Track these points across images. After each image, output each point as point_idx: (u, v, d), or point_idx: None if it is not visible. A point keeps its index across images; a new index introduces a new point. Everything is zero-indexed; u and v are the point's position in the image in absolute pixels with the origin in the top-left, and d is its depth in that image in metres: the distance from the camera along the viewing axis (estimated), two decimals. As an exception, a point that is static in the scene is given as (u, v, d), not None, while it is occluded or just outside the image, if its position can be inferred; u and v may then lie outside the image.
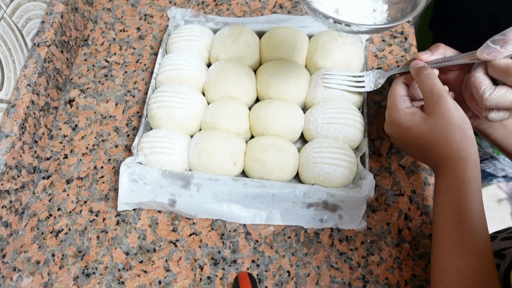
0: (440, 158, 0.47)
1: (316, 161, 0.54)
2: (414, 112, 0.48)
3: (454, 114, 0.45)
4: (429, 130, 0.46)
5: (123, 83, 0.69)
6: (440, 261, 0.44)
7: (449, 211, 0.45)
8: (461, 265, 0.42)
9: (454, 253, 0.43)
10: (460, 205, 0.44)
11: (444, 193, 0.46)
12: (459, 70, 0.52)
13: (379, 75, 0.58)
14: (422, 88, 0.48)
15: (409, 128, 0.48)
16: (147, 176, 0.55)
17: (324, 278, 0.52)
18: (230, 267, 0.53)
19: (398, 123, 0.49)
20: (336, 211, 0.54)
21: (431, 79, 0.47)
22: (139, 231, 0.56)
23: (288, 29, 0.65)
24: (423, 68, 0.49)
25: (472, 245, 0.42)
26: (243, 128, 0.59)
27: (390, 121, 0.51)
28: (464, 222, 0.43)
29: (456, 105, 0.46)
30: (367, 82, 0.58)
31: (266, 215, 0.55)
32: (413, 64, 0.50)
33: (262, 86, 0.62)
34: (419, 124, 0.47)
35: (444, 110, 0.45)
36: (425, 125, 0.47)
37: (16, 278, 0.54)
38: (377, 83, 0.57)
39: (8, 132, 0.56)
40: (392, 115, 0.50)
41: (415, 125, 0.48)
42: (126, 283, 0.53)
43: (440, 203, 0.46)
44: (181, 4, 0.76)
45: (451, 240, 0.44)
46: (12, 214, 0.55)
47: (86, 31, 0.75)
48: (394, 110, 0.50)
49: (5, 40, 0.58)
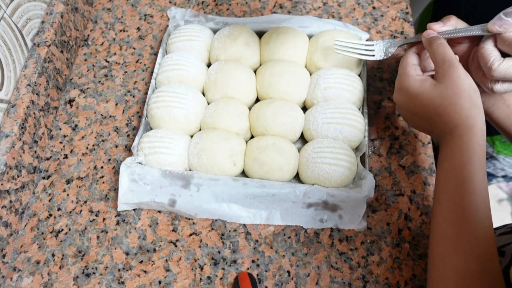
0: (447, 126, 0.47)
1: (316, 161, 0.54)
2: (425, 79, 0.49)
3: (464, 82, 0.46)
4: (438, 97, 0.47)
5: (123, 83, 0.69)
6: (440, 225, 0.45)
7: (452, 177, 0.45)
8: (461, 228, 0.42)
9: (455, 217, 0.43)
10: (464, 171, 0.44)
11: (448, 160, 0.46)
12: (468, 43, 0.53)
13: (389, 44, 0.58)
14: (434, 57, 0.48)
15: (418, 94, 0.48)
16: (147, 176, 0.55)
17: (324, 278, 0.52)
18: (230, 267, 0.53)
19: (407, 89, 0.50)
20: (336, 211, 0.54)
21: (443, 48, 0.48)
22: (139, 231, 0.56)
23: (288, 29, 0.65)
24: (436, 38, 0.49)
25: (474, 211, 0.42)
26: (243, 128, 0.59)
27: (400, 88, 0.51)
28: (466, 188, 0.43)
29: (466, 73, 0.47)
30: (377, 51, 0.58)
31: (266, 215, 0.55)
32: (425, 34, 0.51)
33: (262, 86, 0.62)
34: (429, 90, 0.48)
35: (455, 77, 0.46)
36: (434, 92, 0.47)
37: (16, 278, 0.54)
38: (387, 52, 0.58)
39: (8, 132, 0.56)
40: (402, 82, 0.50)
41: (424, 91, 0.48)
42: (126, 283, 0.53)
43: (444, 170, 0.46)
44: (181, 4, 0.76)
45: (452, 205, 0.44)
46: (12, 214, 0.55)
47: (86, 31, 0.75)
48: (405, 77, 0.50)
49: (5, 40, 0.58)
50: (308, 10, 0.74)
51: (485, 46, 0.48)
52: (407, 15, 0.72)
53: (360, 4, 0.74)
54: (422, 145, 0.61)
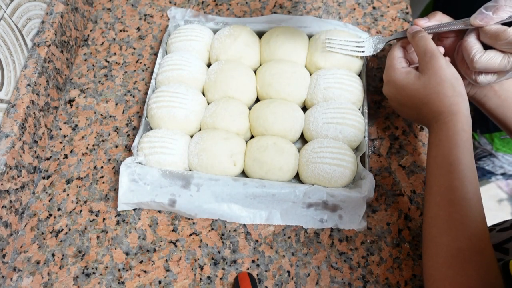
0: (433, 114, 0.49)
1: (316, 161, 0.54)
2: (409, 71, 0.51)
3: (446, 71, 0.48)
4: (423, 87, 0.49)
5: (123, 83, 0.69)
6: (432, 208, 0.46)
7: (440, 162, 0.47)
8: (451, 209, 0.44)
9: (445, 200, 0.45)
10: (450, 155, 0.46)
11: (436, 146, 0.48)
12: (453, 37, 0.55)
13: (378, 40, 0.60)
14: (417, 49, 0.51)
15: (404, 86, 0.51)
16: (147, 176, 0.55)
17: (324, 278, 0.52)
18: (230, 267, 0.53)
19: (394, 82, 0.52)
20: (336, 211, 0.54)
21: (424, 40, 0.50)
22: (139, 231, 0.56)
23: (288, 29, 0.65)
24: (418, 32, 0.52)
25: (462, 193, 0.44)
26: (243, 128, 0.59)
27: (387, 81, 0.53)
28: (454, 171, 0.45)
29: (448, 63, 0.49)
30: (367, 47, 0.61)
31: (266, 215, 0.55)
32: (409, 29, 0.53)
33: (262, 86, 0.62)
34: (414, 82, 0.50)
35: (436, 67, 0.48)
36: (418, 83, 0.50)
37: (16, 278, 0.54)
38: (376, 48, 0.60)
39: (8, 132, 0.56)
40: (389, 75, 0.53)
41: (409, 83, 0.50)
42: (126, 283, 0.53)
43: (432, 156, 0.48)
44: (181, 4, 0.76)
45: (442, 188, 0.46)
46: (12, 214, 0.55)
47: (86, 31, 0.75)
48: (391, 70, 0.53)
49: (5, 40, 0.58)
50: (308, 10, 0.74)
51: (468, 39, 0.50)
52: (407, 15, 0.72)
53: (360, 4, 0.74)
54: (422, 145, 0.61)
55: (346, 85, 0.59)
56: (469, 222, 0.43)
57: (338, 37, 0.62)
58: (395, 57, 0.54)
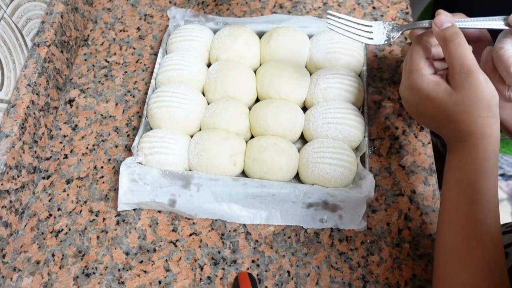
0: (459, 133, 0.43)
1: (316, 161, 0.54)
2: (439, 83, 0.44)
3: (484, 90, 0.41)
4: (453, 105, 0.43)
5: (123, 83, 0.69)
6: (448, 239, 0.42)
7: (465, 189, 0.42)
8: (471, 244, 0.40)
9: (466, 232, 0.41)
10: (477, 183, 0.41)
11: (461, 170, 0.43)
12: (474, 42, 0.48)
13: (391, 27, 0.50)
14: (450, 58, 0.43)
15: (431, 98, 0.44)
16: (147, 176, 0.55)
17: (324, 278, 0.52)
18: (230, 267, 0.53)
19: (419, 90, 0.45)
20: (336, 211, 0.54)
21: (462, 50, 0.42)
22: (139, 231, 0.56)
23: (288, 29, 0.65)
24: (454, 35, 0.43)
25: (486, 226, 0.40)
26: (243, 128, 0.59)
27: (411, 87, 0.46)
28: (479, 202, 0.41)
29: (487, 79, 0.42)
30: (376, 34, 0.50)
31: (266, 215, 0.55)
32: (437, 22, 0.44)
33: (262, 86, 0.62)
34: (443, 97, 0.43)
35: (474, 86, 0.42)
36: (449, 99, 0.43)
37: (16, 278, 0.54)
38: (390, 36, 0.50)
39: (8, 132, 0.56)
40: (414, 81, 0.46)
41: (438, 97, 0.44)
42: (126, 283, 0.53)
43: (455, 180, 0.43)
44: (181, 4, 0.76)
45: (463, 218, 0.41)
46: (12, 214, 0.55)
47: (86, 31, 0.75)
48: (417, 75, 0.45)
49: (5, 40, 0.58)
50: (308, 10, 0.74)
51: (505, 47, 0.43)
52: (407, 15, 0.72)
53: (360, 4, 0.74)
54: (422, 145, 0.61)
55: (346, 85, 0.59)
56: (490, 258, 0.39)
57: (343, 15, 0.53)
58: (421, 59, 0.45)
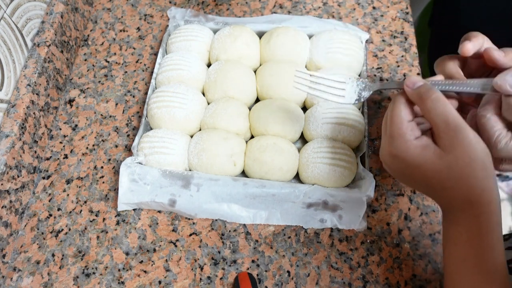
0: (457, 201, 0.39)
1: (316, 161, 0.54)
2: (427, 146, 0.39)
3: (476, 148, 0.37)
4: (446, 169, 0.38)
5: (123, 83, 0.69)
6: None
7: (471, 266, 0.38)
8: None
9: None
10: (485, 262, 0.38)
11: (464, 246, 0.39)
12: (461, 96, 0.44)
13: (364, 85, 0.47)
14: (431, 117, 0.39)
15: (420, 165, 0.39)
16: (147, 176, 0.55)
17: (324, 278, 0.52)
18: (230, 267, 0.53)
19: (405, 158, 0.40)
20: (336, 211, 0.54)
21: (443, 106, 0.38)
22: (139, 231, 0.56)
23: (288, 29, 0.65)
24: (428, 91, 0.39)
25: None
26: (243, 128, 0.59)
27: (395, 155, 0.40)
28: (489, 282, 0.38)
29: (477, 136, 0.38)
30: (349, 92, 0.47)
31: (266, 215, 0.55)
32: (409, 83, 0.40)
33: (262, 86, 0.62)
34: (433, 161, 0.38)
35: (465, 144, 0.37)
36: (440, 163, 0.38)
37: (16, 278, 0.54)
38: (361, 96, 0.47)
39: (8, 132, 0.56)
40: (398, 148, 0.40)
41: (427, 162, 0.39)
42: (126, 283, 0.53)
43: (460, 258, 0.39)
44: (181, 4, 0.76)
45: None
46: (12, 214, 0.55)
47: (86, 31, 0.75)
48: (401, 141, 0.40)
49: (5, 40, 0.58)
50: (308, 10, 0.74)
51: (487, 115, 0.39)
52: (407, 15, 0.72)
53: (360, 4, 0.74)
54: (422, 145, 0.61)
55: (346, 85, 0.59)
56: None
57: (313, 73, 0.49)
58: (403, 121, 0.40)
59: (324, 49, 0.62)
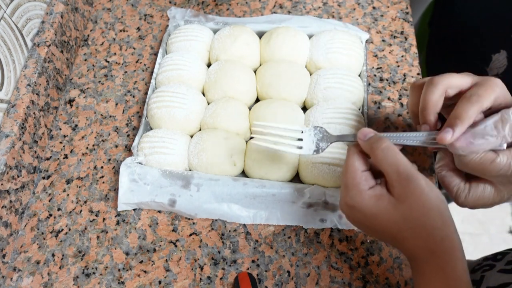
0: (419, 251, 0.38)
1: (316, 161, 0.54)
2: (380, 196, 0.39)
3: (430, 197, 0.37)
4: (402, 219, 0.38)
5: (123, 83, 0.69)
6: None
7: None
8: None
9: None
10: None
11: None
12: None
13: (322, 136, 0.47)
14: (383, 166, 0.39)
15: (376, 215, 0.39)
16: (147, 176, 0.55)
17: (324, 278, 0.52)
18: (230, 267, 0.53)
19: (360, 208, 0.40)
20: (336, 211, 0.54)
21: (393, 155, 0.38)
22: (139, 231, 0.56)
23: (288, 29, 0.65)
24: (378, 141, 0.40)
25: None
26: (243, 128, 0.59)
27: (351, 206, 0.41)
28: None
29: (430, 183, 0.38)
30: (306, 142, 0.47)
31: (266, 215, 0.55)
32: (361, 135, 0.42)
33: (262, 86, 0.62)
34: (388, 211, 0.38)
35: (418, 193, 0.37)
36: (396, 213, 0.38)
37: (16, 278, 0.54)
38: (319, 147, 0.47)
39: (8, 132, 0.56)
40: (353, 198, 0.40)
41: (383, 212, 0.39)
42: (126, 283, 0.53)
43: None
44: (181, 4, 0.76)
45: None
46: (12, 214, 0.55)
47: (86, 31, 0.75)
48: (356, 192, 0.40)
49: (5, 40, 0.58)
50: (308, 10, 0.74)
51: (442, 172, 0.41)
52: (407, 15, 0.72)
53: (360, 4, 0.74)
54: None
55: (346, 85, 0.59)
56: None
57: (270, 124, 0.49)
58: (357, 172, 0.40)
59: (324, 49, 0.63)
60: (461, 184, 0.40)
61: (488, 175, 0.38)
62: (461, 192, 0.40)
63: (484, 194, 0.39)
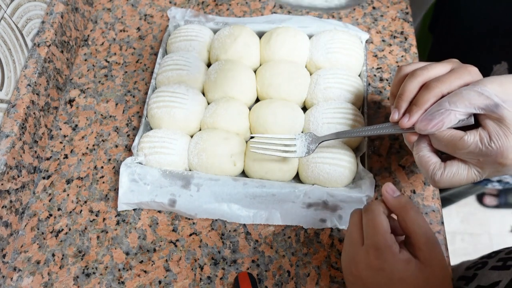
0: None
1: (316, 161, 0.54)
2: (409, 260, 0.39)
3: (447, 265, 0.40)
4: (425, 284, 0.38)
5: (123, 83, 0.69)
6: None
7: None
8: None
9: None
10: None
11: None
12: None
13: (311, 139, 0.53)
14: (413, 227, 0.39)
15: (403, 280, 0.38)
16: (147, 176, 0.55)
17: (324, 278, 0.52)
18: (230, 267, 0.53)
19: (391, 272, 0.39)
20: (336, 211, 0.54)
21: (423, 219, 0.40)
22: (139, 231, 0.56)
23: (288, 29, 0.65)
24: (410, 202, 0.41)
25: None
26: (243, 128, 0.59)
27: (380, 268, 0.39)
28: None
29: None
30: (299, 147, 0.53)
31: (266, 215, 0.55)
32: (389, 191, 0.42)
33: (262, 86, 0.62)
34: (416, 277, 0.38)
35: (440, 257, 0.39)
36: (421, 276, 0.38)
37: (16, 278, 0.54)
38: (309, 149, 0.52)
39: (8, 132, 0.56)
40: (387, 261, 0.39)
41: (409, 277, 0.38)
42: (126, 283, 0.53)
43: None
44: (181, 4, 0.76)
45: None
46: (12, 214, 0.55)
47: (86, 31, 0.75)
48: (390, 254, 0.39)
49: (5, 40, 0.58)
50: (308, 10, 0.74)
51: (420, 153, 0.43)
52: (407, 15, 0.73)
53: (360, 4, 0.74)
54: (422, 145, 0.61)
55: (346, 85, 0.59)
56: None
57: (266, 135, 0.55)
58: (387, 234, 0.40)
59: (324, 49, 0.63)
60: (437, 163, 0.42)
61: (458, 153, 0.40)
62: (437, 170, 0.42)
63: (458, 172, 0.41)
